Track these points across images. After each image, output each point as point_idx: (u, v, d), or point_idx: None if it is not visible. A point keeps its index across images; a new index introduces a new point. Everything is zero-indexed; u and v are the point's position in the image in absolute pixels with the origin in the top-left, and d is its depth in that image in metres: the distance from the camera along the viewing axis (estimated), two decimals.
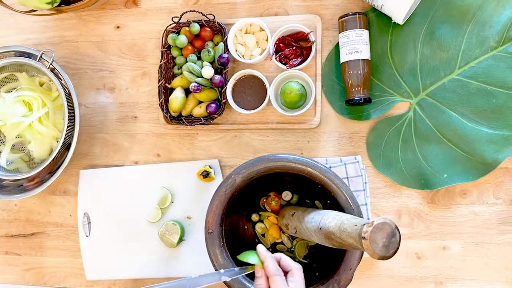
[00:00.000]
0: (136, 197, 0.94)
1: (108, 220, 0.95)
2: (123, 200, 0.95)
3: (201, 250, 0.78)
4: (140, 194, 0.94)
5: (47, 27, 1.01)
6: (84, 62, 0.99)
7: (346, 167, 0.86)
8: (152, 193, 0.94)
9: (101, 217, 0.96)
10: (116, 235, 0.95)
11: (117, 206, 0.95)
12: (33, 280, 1.00)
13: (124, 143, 0.97)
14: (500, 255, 0.83)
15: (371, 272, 0.86)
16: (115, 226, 0.95)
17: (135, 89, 0.97)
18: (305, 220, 0.74)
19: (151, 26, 0.96)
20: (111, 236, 0.95)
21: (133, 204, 0.94)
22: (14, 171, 0.96)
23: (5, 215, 1.02)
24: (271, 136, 0.91)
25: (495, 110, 0.81)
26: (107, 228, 0.95)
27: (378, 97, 0.86)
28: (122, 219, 0.95)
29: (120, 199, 0.95)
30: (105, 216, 0.96)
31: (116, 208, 0.95)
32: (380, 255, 0.52)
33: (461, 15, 0.82)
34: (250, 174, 0.73)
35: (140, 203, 0.94)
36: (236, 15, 0.92)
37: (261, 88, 0.88)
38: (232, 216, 0.84)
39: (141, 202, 0.94)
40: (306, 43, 0.87)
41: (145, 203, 0.94)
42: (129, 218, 0.95)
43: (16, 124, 0.89)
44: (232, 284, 0.71)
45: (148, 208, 0.93)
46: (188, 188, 0.92)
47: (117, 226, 0.95)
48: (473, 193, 0.84)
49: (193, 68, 0.88)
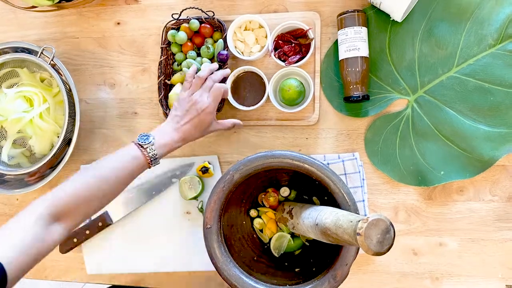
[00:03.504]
0: None
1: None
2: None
3: (201, 245, 0.78)
4: None
5: (47, 23, 1.02)
6: (85, 58, 1.00)
7: (344, 164, 0.86)
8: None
9: (101, 212, 0.96)
10: (116, 230, 0.96)
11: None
12: (34, 273, 1.01)
13: (124, 138, 0.98)
14: (496, 251, 0.84)
15: (367, 268, 0.87)
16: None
17: (135, 85, 0.97)
18: (302, 216, 0.74)
19: (151, 23, 0.97)
20: (111, 230, 0.96)
21: None
22: (16, 166, 0.97)
23: (7, 210, 1.03)
24: (269, 133, 0.91)
25: (493, 107, 0.82)
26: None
27: (376, 94, 0.86)
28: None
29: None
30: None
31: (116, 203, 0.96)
32: (375, 251, 0.53)
33: (460, 13, 0.83)
34: (248, 170, 0.73)
35: None
36: (235, 12, 0.93)
37: (260, 85, 0.88)
38: (231, 212, 0.85)
39: None
40: (305, 40, 0.87)
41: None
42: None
43: (17, 120, 0.90)
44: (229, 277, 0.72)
45: (147, 203, 0.94)
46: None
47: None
48: (470, 190, 0.84)
49: (192, 64, 0.88)
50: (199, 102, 0.79)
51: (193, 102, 0.79)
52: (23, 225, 0.63)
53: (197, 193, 0.90)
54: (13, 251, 0.59)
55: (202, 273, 0.93)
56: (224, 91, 0.82)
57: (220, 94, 0.81)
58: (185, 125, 0.78)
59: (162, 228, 0.94)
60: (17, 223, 0.63)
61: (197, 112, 0.79)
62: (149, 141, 0.74)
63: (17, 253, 0.59)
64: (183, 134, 0.78)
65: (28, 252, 0.61)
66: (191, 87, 0.81)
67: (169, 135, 0.77)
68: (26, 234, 0.62)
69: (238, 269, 0.74)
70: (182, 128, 0.78)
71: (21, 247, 0.60)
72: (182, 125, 0.78)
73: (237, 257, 0.78)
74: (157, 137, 0.76)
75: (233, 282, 0.73)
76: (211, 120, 0.81)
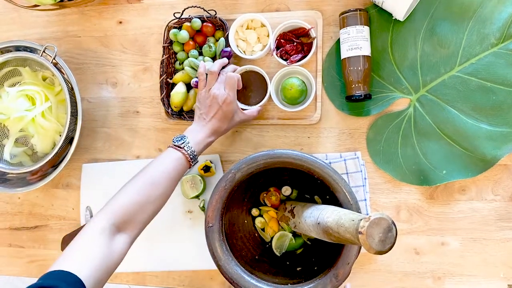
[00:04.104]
0: None
1: None
2: None
3: (202, 244, 0.79)
4: None
5: (50, 22, 1.02)
6: (87, 57, 1.00)
7: (346, 163, 0.86)
8: None
9: None
10: None
11: None
12: (37, 272, 1.02)
13: (126, 137, 0.98)
14: (498, 251, 0.83)
15: (370, 267, 0.87)
16: None
17: (137, 84, 0.98)
18: (304, 215, 0.74)
19: (153, 22, 0.97)
20: None
21: None
22: (18, 164, 0.97)
23: (9, 208, 1.03)
24: (271, 132, 0.91)
25: (495, 107, 0.81)
26: None
27: (378, 94, 0.86)
28: None
29: None
30: None
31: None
32: (377, 249, 0.53)
33: (462, 12, 0.82)
34: (250, 169, 0.73)
35: None
36: (237, 10, 0.93)
37: (262, 84, 0.88)
38: (232, 211, 0.85)
39: None
40: (307, 39, 0.87)
41: None
42: None
43: (19, 118, 0.90)
44: (231, 276, 0.72)
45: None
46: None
47: None
48: (472, 190, 0.84)
49: (194, 63, 0.88)
50: (218, 95, 0.80)
51: (212, 97, 0.80)
52: (91, 241, 0.64)
53: (198, 192, 0.90)
54: (88, 268, 0.60)
55: (203, 272, 0.93)
56: (238, 80, 0.84)
57: (235, 83, 0.82)
58: (211, 120, 0.80)
59: (163, 227, 0.94)
60: (85, 240, 0.65)
61: (218, 105, 0.80)
62: (185, 141, 0.77)
63: (92, 269, 0.60)
64: (212, 128, 0.80)
65: (101, 267, 0.62)
66: (207, 84, 0.83)
67: (200, 132, 0.80)
68: (96, 249, 0.63)
69: (239, 268, 0.74)
70: (209, 124, 0.80)
71: (94, 263, 0.61)
72: (209, 121, 0.81)
73: (239, 256, 0.78)
74: (190, 136, 0.79)
75: (235, 280, 0.73)
76: (234, 109, 0.82)
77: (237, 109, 0.83)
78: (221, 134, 0.83)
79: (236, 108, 0.83)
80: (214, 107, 0.80)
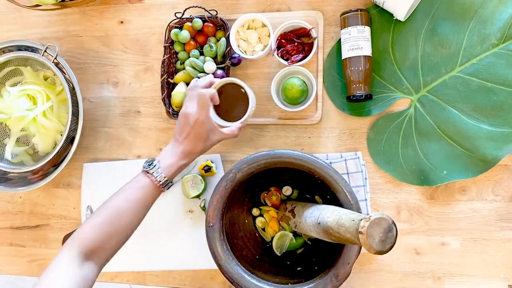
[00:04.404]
0: None
1: None
2: None
3: (203, 243, 0.79)
4: None
5: (51, 21, 1.02)
6: (88, 56, 1.00)
7: (346, 163, 0.86)
8: None
9: None
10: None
11: None
12: (38, 271, 1.02)
13: (127, 137, 0.98)
14: (498, 251, 0.83)
15: (370, 267, 0.87)
16: None
17: (138, 84, 0.98)
18: (304, 215, 0.74)
19: (154, 21, 0.97)
20: None
21: None
22: (19, 164, 0.97)
23: (10, 207, 1.04)
24: (272, 132, 0.91)
25: (496, 107, 0.81)
26: None
27: (379, 94, 0.86)
28: None
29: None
30: None
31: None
32: (377, 249, 0.53)
33: (463, 12, 0.82)
34: (251, 169, 0.73)
35: None
36: (238, 11, 0.93)
37: (243, 98, 0.83)
38: (233, 210, 0.85)
39: None
40: (308, 39, 0.88)
41: None
42: None
43: (20, 118, 0.91)
44: (232, 275, 0.72)
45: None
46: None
47: None
48: (473, 190, 0.84)
49: (195, 63, 0.89)
50: (190, 114, 0.77)
51: (184, 116, 0.77)
52: (61, 270, 0.65)
53: (199, 192, 0.90)
54: None
55: (204, 272, 0.93)
56: (213, 96, 0.79)
57: (207, 100, 0.77)
58: (184, 141, 0.77)
59: (164, 227, 0.94)
60: (56, 268, 0.65)
61: (190, 125, 0.76)
62: (154, 165, 0.75)
63: None
64: (184, 151, 0.77)
65: None
66: (184, 101, 0.80)
67: (172, 155, 0.76)
68: (67, 278, 0.64)
69: (240, 268, 0.74)
70: (182, 146, 0.77)
71: None
72: (181, 142, 0.77)
73: (239, 256, 0.78)
74: (162, 160, 0.76)
75: (235, 280, 0.73)
76: (208, 129, 0.78)
77: (213, 128, 0.78)
78: (196, 156, 0.79)
79: (211, 127, 0.78)
80: (186, 128, 0.77)
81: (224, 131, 0.80)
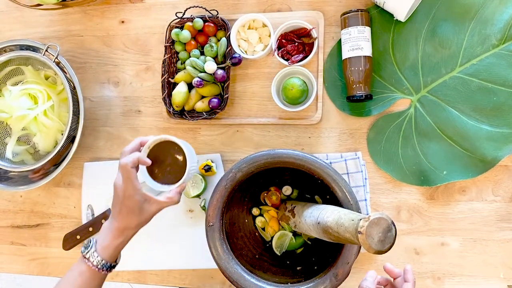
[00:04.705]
0: None
1: None
2: None
3: (203, 243, 0.79)
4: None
5: (52, 21, 1.02)
6: (89, 56, 1.00)
7: (346, 163, 0.86)
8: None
9: (104, 209, 0.97)
10: None
11: None
12: (38, 270, 1.02)
13: (127, 136, 0.98)
14: (498, 251, 0.83)
15: (369, 267, 0.87)
16: None
17: (139, 84, 0.98)
18: (304, 215, 0.75)
19: (155, 21, 0.97)
20: None
21: None
22: (20, 163, 0.97)
23: (11, 206, 1.04)
24: (272, 132, 0.92)
25: (496, 108, 0.81)
26: None
27: (379, 94, 0.86)
28: None
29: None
30: (108, 208, 0.97)
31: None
32: (376, 249, 0.53)
33: (463, 13, 0.83)
34: (250, 169, 0.74)
35: None
36: (239, 11, 0.93)
37: (181, 156, 0.73)
38: (233, 210, 0.85)
39: None
40: (308, 39, 0.88)
41: None
42: None
43: (21, 117, 0.91)
44: (231, 275, 0.73)
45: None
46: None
47: None
48: (472, 190, 0.84)
49: (196, 63, 0.89)
50: (117, 187, 0.69)
51: (114, 188, 0.70)
52: None
53: (199, 191, 0.90)
54: None
55: (204, 271, 0.93)
56: (134, 162, 0.69)
57: (128, 171, 0.68)
58: (117, 217, 0.70)
59: (164, 226, 0.94)
60: None
61: (119, 199, 0.69)
62: (90, 247, 0.69)
63: None
64: (119, 228, 0.70)
65: None
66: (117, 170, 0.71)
67: (107, 233, 0.70)
68: None
69: (240, 267, 0.74)
70: (116, 222, 0.70)
71: None
72: (116, 218, 0.70)
73: (239, 255, 0.79)
74: (99, 239, 0.70)
75: (235, 279, 0.73)
76: (138, 202, 0.68)
77: (146, 199, 0.69)
78: (134, 231, 0.71)
79: (143, 199, 0.69)
80: (117, 202, 0.70)
81: (160, 199, 0.70)
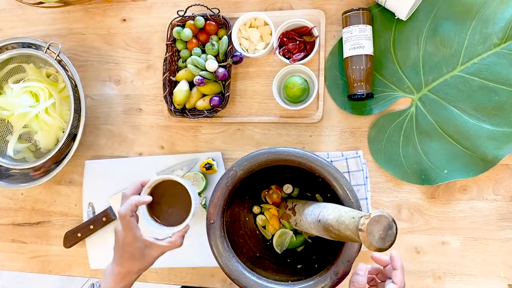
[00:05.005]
0: None
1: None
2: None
3: (204, 240, 0.79)
4: None
5: (54, 19, 1.02)
6: (91, 54, 1.00)
7: (347, 162, 0.86)
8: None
9: (105, 207, 0.97)
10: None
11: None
12: (39, 268, 1.02)
13: (128, 134, 0.98)
14: (498, 251, 0.83)
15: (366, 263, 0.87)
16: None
17: (140, 82, 0.98)
18: (305, 213, 0.75)
19: (157, 19, 0.97)
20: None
21: None
22: (21, 160, 0.97)
23: (12, 204, 1.04)
24: (273, 130, 0.92)
25: (497, 107, 0.81)
26: None
27: (380, 93, 0.86)
28: None
29: (124, 189, 0.96)
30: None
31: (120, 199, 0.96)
32: (377, 247, 0.53)
33: (465, 12, 0.83)
34: (251, 167, 0.74)
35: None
36: (240, 9, 0.93)
37: (185, 196, 0.72)
38: (234, 208, 0.85)
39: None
40: (309, 37, 0.88)
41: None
42: None
43: (23, 115, 0.91)
44: (232, 273, 0.73)
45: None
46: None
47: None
48: (473, 189, 0.84)
49: (197, 61, 0.89)
50: (117, 233, 0.70)
51: (115, 234, 0.71)
52: None
53: (200, 189, 0.90)
54: None
55: (205, 269, 0.94)
56: (133, 207, 0.69)
57: (127, 221, 0.68)
58: (119, 261, 0.70)
59: None
60: None
61: (119, 245, 0.70)
62: None
63: None
64: (120, 272, 0.70)
65: None
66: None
67: (111, 279, 0.71)
68: None
69: (240, 265, 0.74)
70: (118, 267, 0.70)
71: None
72: (118, 263, 0.71)
73: (240, 253, 0.79)
74: (103, 284, 0.71)
75: (236, 277, 0.73)
76: (139, 249, 0.69)
77: (147, 245, 0.70)
78: (136, 275, 0.72)
79: (143, 245, 0.69)
80: (118, 247, 0.70)
81: (162, 243, 0.70)
